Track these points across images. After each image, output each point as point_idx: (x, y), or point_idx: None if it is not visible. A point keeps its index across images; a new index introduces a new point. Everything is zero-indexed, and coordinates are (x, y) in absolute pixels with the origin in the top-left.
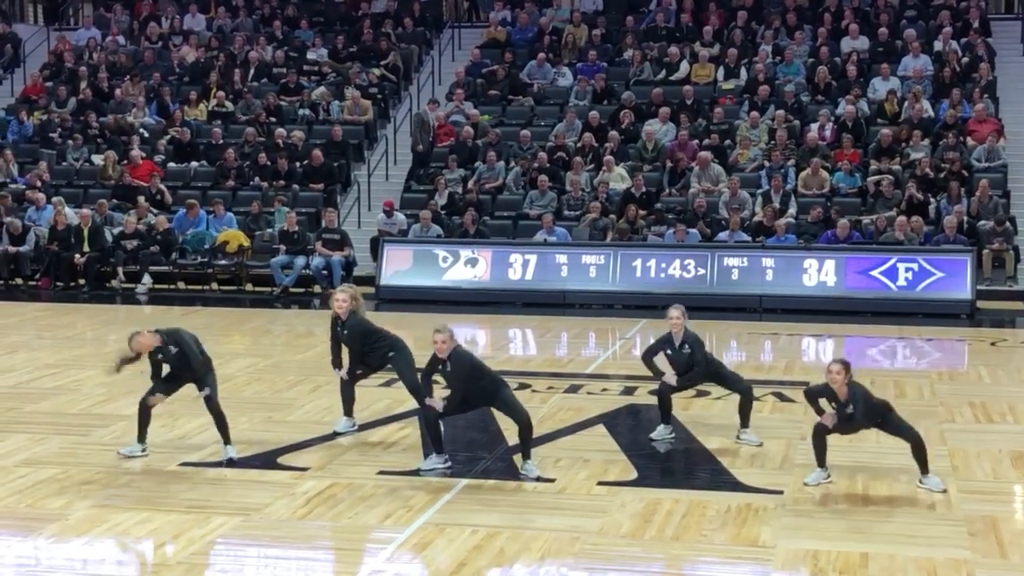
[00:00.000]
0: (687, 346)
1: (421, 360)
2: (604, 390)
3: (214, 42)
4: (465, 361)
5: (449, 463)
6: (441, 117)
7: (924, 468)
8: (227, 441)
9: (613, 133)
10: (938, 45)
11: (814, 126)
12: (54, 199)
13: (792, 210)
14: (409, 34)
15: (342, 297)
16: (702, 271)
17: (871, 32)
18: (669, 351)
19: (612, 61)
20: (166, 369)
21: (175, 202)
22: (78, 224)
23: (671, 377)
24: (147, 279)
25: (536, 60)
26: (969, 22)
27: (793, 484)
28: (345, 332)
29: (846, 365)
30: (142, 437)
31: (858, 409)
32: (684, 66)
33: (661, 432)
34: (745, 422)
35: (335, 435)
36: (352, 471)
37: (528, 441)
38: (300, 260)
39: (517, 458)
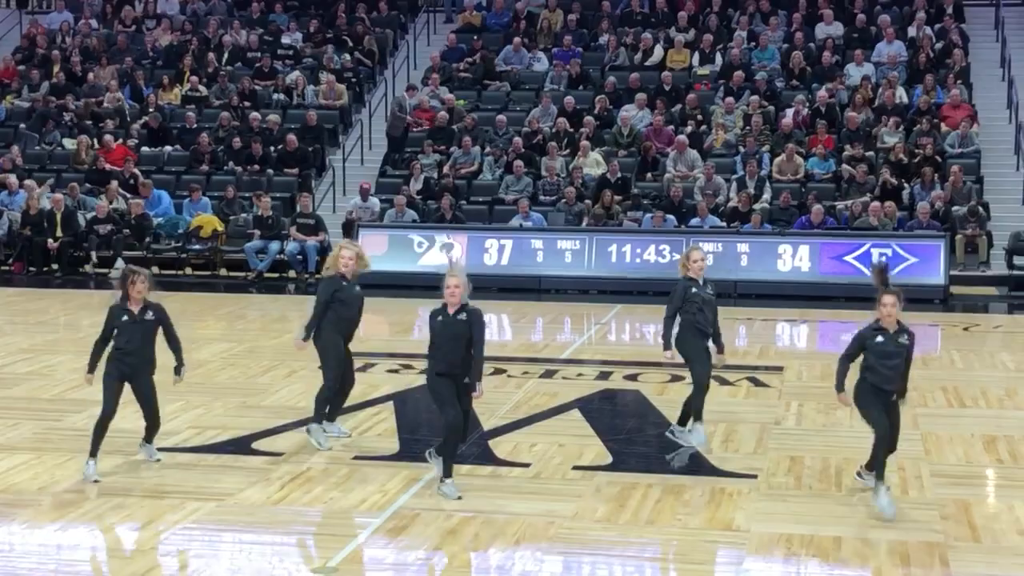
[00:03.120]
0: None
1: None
2: (579, 375)
3: (188, 26)
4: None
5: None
6: (425, 102)
7: (872, 465)
8: (150, 440)
9: (588, 118)
10: (912, 31)
11: (789, 112)
12: (26, 183)
13: (766, 195)
14: (384, 18)
15: (348, 254)
16: (677, 256)
17: (846, 18)
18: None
19: (588, 46)
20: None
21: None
22: (51, 209)
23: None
24: (120, 264)
25: (512, 45)
26: (943, 8)
27: (767, 468)
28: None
29: (899, 295)
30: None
31: (911, 338)
32: (659, 51)
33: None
34: (698, 415)
35: None
36: (327, 456)
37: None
38: (275, 245)
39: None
